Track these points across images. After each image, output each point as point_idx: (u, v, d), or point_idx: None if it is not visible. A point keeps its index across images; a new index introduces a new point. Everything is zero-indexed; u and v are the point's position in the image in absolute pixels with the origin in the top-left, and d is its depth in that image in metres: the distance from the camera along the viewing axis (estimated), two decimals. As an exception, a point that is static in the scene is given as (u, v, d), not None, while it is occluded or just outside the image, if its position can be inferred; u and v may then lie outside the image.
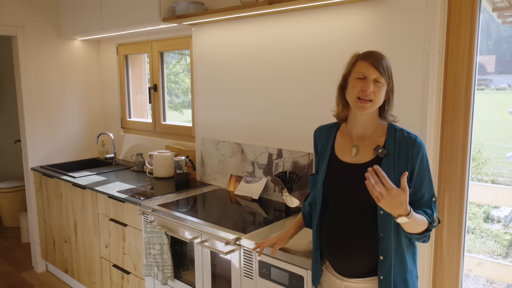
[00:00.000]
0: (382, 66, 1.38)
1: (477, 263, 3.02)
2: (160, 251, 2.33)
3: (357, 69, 1.41)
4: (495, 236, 3.40)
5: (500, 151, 3.16)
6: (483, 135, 3.03)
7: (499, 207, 3.45)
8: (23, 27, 3.41)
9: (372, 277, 1.47)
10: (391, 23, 1.98)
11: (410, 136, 1.45)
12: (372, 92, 1.38)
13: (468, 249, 3.35)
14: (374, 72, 1.38)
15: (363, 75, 1.40)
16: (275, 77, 2.49)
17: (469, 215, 3.50)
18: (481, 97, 2.42)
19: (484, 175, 3.26)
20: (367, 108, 1.40)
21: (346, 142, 1.54)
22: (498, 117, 2.87)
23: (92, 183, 2.99)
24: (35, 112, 3.55)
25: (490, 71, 2.30)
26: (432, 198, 1.45)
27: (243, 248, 1.94)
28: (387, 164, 1.43)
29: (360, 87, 1.39)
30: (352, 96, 1.42)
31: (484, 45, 2.27)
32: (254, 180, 2.61)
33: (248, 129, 2.68)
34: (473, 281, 3.36)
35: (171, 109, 4.46)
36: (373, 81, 1.39)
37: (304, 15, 2.30)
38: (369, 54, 1.42)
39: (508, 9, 2.22)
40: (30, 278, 3.61)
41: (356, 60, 1.44)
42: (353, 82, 1.42)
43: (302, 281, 1.72)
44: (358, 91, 1.39)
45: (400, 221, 1.31)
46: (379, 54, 1.42)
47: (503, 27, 2.27)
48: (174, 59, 4.75)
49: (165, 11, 2.69)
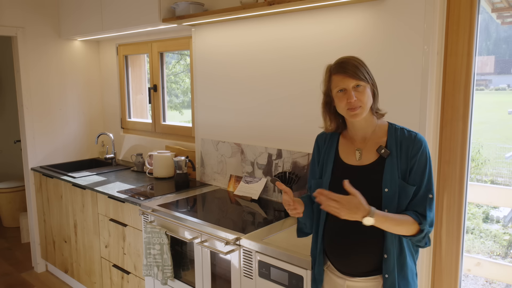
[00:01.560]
0: (356, 72, 1.41)
1: (476, 263, 3.03)
2: (160, 251, 2.33)
3: (335, 84, 1.45)
4: (494, 237, 3.41)
5: (499, 152, 3.16)
6: (482, 135, 3.03)
7: (498, 208, 3.45)
8: (23, 27, 3.42)
9: (375, 276, 1.48)
10: (390, 23, 1.98)
11: (410, 134, 1.47)
12: (357, 99, 1.41)
13: (467, 249, 3.35)
14: (350, 81, 1.41)
15: (342, 88, 1.43)
16: (275, 77, 2.50)
17: (468, 215, 3.50)
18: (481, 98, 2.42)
19: (484, 175, 3.26)
20: (359, 114, 1.44)
21: (349, 145, 1.56)
22: (497, 117, 2.87)
23: (92, 183, 3.00)
24: (35, 112, 3.56)
25: (490, 71, 2.31)
26: (428, 195, 1.43)
27: (243, 248, 1.95)
28: (391, 163, 1.44)
29: (345, 100, 1.42)
30: (342, 109, 1.46)
31: (483, 46, 2.28)
32: (253, 181, 2.62)
33: (248, 129, 2.69)
34: (472, 281, 3.37)
35: (171, 108, 4.46)
36: (353, 88, 1.42)
37: (305, 15, 2.31)
38: (339, 65, 1.44)
39: (508, 9, 2.22)
40: (30, 278, 3.61)
41: (330, 75, 1.48)
42: (337, 97, 1.46)
43: (301, 281, 1.72)
44: (345, 104, 1.43)
45: (367, 222, 1.33)
46: (348, 60, 1.44)
47: (502, 27, 2.27)
48: (173, 59, 4.75)
49: (165, 11, 2.70)
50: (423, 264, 2.03)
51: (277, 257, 1.81)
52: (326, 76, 1.50)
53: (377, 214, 1.33)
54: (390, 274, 1.44)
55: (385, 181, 1.42)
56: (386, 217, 1.36)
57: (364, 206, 1.31)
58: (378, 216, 1.33)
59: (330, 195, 1.31)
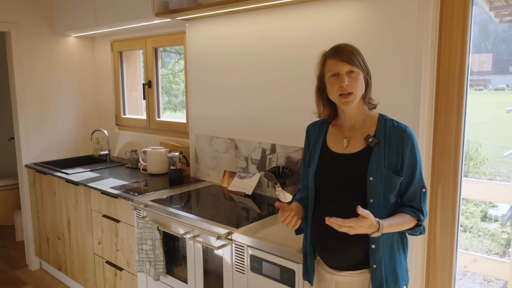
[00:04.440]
0: (350, 57, 1.41)
1: (472, 259, 3.01)
2: (152, 246, 2.31)
3: (328, 68, 1.45)
4: (492, 235, 3.40)
5: (497, 150, 3.16)
6: (481, 134, 3.02)
7: (496, 206, 3.44)
8: (17, 23, 3.39)
9: (362, 269, 1.46)
10: (383, 15, 1.97)
11: (400, 126, 1.46)
12: (349, 84, 1.41)
13: (465, 248, 3.34)
14: (344, 66, 1.41)
15: (335, 72, 1.43)
16: (269, 72, 2.48)
17: (466, 214, 3.49)
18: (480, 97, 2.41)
19: (482, 174, 3.25)
20: (350, 102, 1.43)
21: (338, 134, 1.55)
22: (495, 116, 2.86)
23: (85, 179, 2.97)
24: (29, 109, 3.53)
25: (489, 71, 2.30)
26: (422, 189, 1.46)
27: (235, 243, 1.92)
28: (378, 153, 1.44)
29: (337, 85, 1.42)
30: (334, 95, 1.45)
31: (482, 45, 2.27)
32: (247, 176, 2.60)
33: (242, 124, 2.67)
34: (470, 279, 3.35)
35: (170, 109, 4.41)
36: (346, 74, 1.41)
37: (299, 9, 2.29)
38: (334, 50, 1.45)
39: (505, 8, 2.21)
40: (24, 276, 3.59)
41: (325, 59, 1.47)
42: (329, 82, 1.45)
43: (293, 275, 1.70)
44: (337, 89, 1.42)
45: (375, 236, 1.37)
46: (344, 46, 1.44)
47: (501, 27, 2.26)
48: (173, 59, 4.73)
49: (158, 6, 2.68)
50: (418, 259, 2.01)
51: (269, 251, 1.78)
52: (320, 61, 1.49)
53: (384, 227, 1.36)
54: (378, 265, 1.42)
55: (371, 170, 1.42)
56: (391, 225, 1.39)
57: (374, 224, 1.33)
58: (385, 228, 1.37)
59: (345, 223, 1.31)
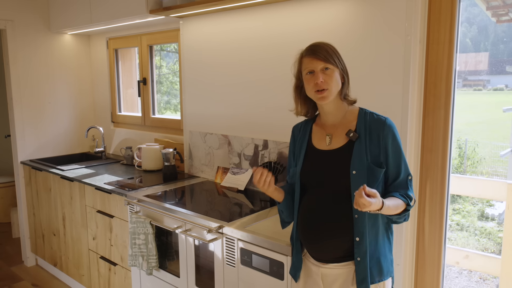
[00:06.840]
0: (325, 55, 1.44)
1: (464, 255, 3.04)
2: (145, 241, 2.33)
3: (304, 66, 1.49)
4: (489, 234, 3.42)
5: (495, 150, 3.18)
6: (479, 134, 3.04)
7: (493, 206, 3.47)
8: (13, 20, 3.41)
9: (347, 262, 1.49)
10: (372, 11, 1.99)
11: (379, 118, 1.49)
12: (324, 81, 1.44)
13: (462, 246, 3.36)
14: (318, 63, 1.45)
15: (310, 69, 1.47)
16: (262, 69, 2.50)
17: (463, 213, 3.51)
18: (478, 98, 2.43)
19: (479, 173, 3.27)
20: (326, 97, 1.46)
21: (321, 132, 1.59)
22: (492, 116, 2.89)
23: (80, 175, 2.99)
24: (25, 106, 3.55)
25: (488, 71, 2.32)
26: (408, 177, 1.49)
27: (226, 237, 1.95)
28: (359, 146, 1.47)
29: (313, 82, 1.46)
30: (310, 92, 1.49)
31: (481, 46, 2.29)
32: (240, 172, 2.62)
33: (235, 121, 2.69)
34: (466, 277, 3.38)
35: (170, 109, 4.43)
36: (321, 71, 1.45)
37: (292, 6, 2.31)
38: (309, 48, 1.49)
39: (502, 7, 2.23)
40: (20, 272, 3.61)
41: (301, 58, 1.51)
42: (306, 79, 1.50)
43: (282, 267, 1.73)
44: (313, 86, 1.46)
45: (374, 213, 1.38)
46: (319, 44, 1.48)
47: (500, 27, 2.29)
48: (173, 58, 4.73)
49: (152, 3, 2.69)
50: (407, 254, 2.03)
51: (259, 244, 1.81)
52: (297, 60, 1.54)
53: (384, 207, 1.35)
54: (362, 258, 1.44)
55: (353, 164, 1.44)
56: (389, 208, 1.38)
57: (380, 204, 1.32)
58: (385, 209, 1.35)
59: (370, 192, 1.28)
